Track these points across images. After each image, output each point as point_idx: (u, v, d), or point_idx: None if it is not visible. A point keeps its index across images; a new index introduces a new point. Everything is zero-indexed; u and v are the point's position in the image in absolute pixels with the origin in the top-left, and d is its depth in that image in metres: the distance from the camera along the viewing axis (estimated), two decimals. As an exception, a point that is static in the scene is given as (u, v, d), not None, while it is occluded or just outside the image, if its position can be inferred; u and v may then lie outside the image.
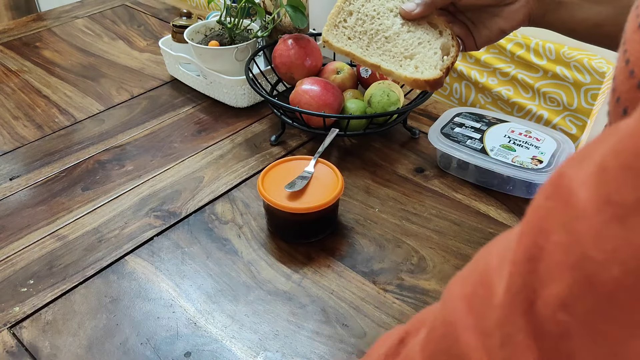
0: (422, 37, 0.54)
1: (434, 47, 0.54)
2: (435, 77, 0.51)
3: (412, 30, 0.55)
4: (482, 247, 0.29)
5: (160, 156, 0.89)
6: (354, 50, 0.56)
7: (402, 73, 0.52)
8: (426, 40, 0.54)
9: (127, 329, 0.62)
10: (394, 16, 0.55)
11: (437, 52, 0.54)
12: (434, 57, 0.54)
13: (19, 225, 0.76)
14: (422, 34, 0.55)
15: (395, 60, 0.53)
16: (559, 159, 0.78)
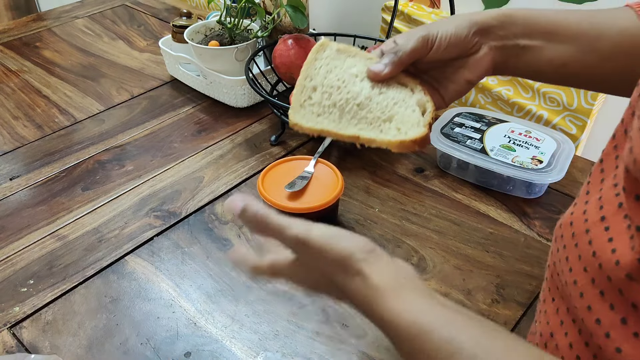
0: (395, 97, 0.51)
1: (411, 105, 0.50)
2: (422, 134, 0.47)
3: (384, 91, 0.51)
4: (481, 247, 0.30)
5: (160, 156, 0.89)
6: (327, 126, 0.50)
7: (385, 138, 0.47)
8: (401, 99, 0.50)
9: (127, 329, 0.62)
10: (361, 81, 0.51)
11: (415, 110, 0.50)
12: (413, 115, 0.49)
13: (19, 225, 0.76)
14: (395, 93, 0.51)
15: (374, 127, 0.48)
16: (559, 159, 0.78)
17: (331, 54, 0.53)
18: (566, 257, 0.39)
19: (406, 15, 1.32)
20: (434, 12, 1.30)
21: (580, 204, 0.39)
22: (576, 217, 0.39)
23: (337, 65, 0.52)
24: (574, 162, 0.85)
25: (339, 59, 0.52)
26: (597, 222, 0.35)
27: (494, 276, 0.67)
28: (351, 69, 0.52)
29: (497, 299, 0.64)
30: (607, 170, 0.38)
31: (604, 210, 0.36)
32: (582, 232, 0.37)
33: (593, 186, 0.39)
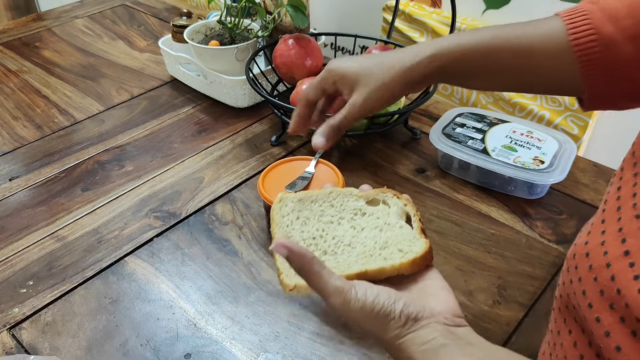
0: (377, 223, 0.48)
1: (395, 222, 0.48)
2: (425, 248, 0.44)
3: (364, 223, 0.48)
4: (483, 248, 0.29)
5: (160, 156, 0.89)
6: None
7: (393, 263, 0.44)
8: (383, 222, 0.48)
9: (127, 330, 0.61)
10: (339, 224, 0.48)
11: (402, 226, 0.47)
12: (404, 231, 0.47)
13: (19, 226, 0.76)
14: (374, 219, 0.48)
15: (375, 258, 0.45)
16: (561, 159, 0.77)
17: (294, 205, 0.49)
18: (583, 291, 0.37)
19: (407, 15, 1.32)
20: (435, 11, 1.30)
21: (596, 234, 0.37)
22: (593, 248, 0.37)
23: (307, 215, 0.49)
24: (575, 162, 0.84)
25: (305, 208, 0.49)
26: (619, 257, 0.34)
27: (496, 277, 0.67)
28: (323, 217, 0.49)
29: (498, 300, 0.64)
30: (624, 197, 0.37)
31: (628, 244, 0.34)
32: (602, 266, 0.35)
33: (609, 214, 0.37)
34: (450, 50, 0.52)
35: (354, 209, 0.50)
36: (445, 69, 0.52)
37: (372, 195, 0.50)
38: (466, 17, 1.27)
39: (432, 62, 0.52)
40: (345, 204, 0.50)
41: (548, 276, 0.67)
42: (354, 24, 1.52)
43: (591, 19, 0.47)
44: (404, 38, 1.33)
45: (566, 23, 0.48)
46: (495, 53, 0.51)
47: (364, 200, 0.50)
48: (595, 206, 0.77)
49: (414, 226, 0.47)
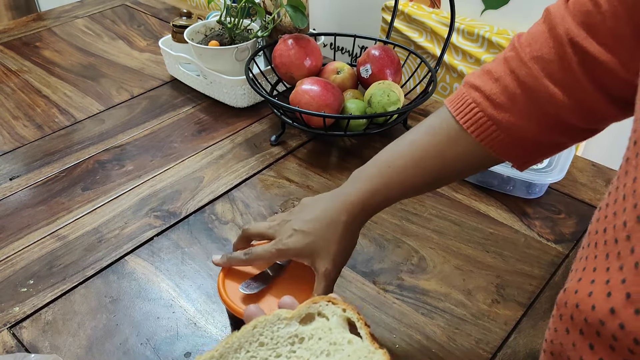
0: (322, 346, 0.40)
1: (342, 337, 0.41)
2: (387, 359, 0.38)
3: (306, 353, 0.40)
4: (482, 247, 0.29)
5: (160, 156, 0.89)
6: None
7: None
8: (327, 343, 0.41)
9: (127, 329, 0.62)
10: (276, 356, 0.40)
11: (350, 340, 0.40)
12: (356, 346, 0.40)
13: (19, 225, 0.76)
14: (316, 342, 0.41)
15: None
16: (559, 159, 0.78)
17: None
18: (590, 345, 0.36)
19: (406, 15, 1.32)
20: (434, 12, 1.30)
21: (586, 282, 0.36)
22: (582, 299, 0.35)
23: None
24: (574, 162, 0.85)
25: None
26: (608, 315, 0.33)
27: (494, 276, 0.67)
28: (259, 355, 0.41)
29: (497, 299, 0.64)
30: (609, 241, 0.36)
31: (613, 300, 0.32)
32: (597, 323, 0.34)
33: (600, 262, 0.36)
34: (373, 197, 0.53)
35: (288, 337, 0.41)
36: (376, 210, 0.55)
37: (304, 310, 0.42)
38: (465, 17, 1.27)
39: (362, 213, 0.54)
40: (276, 336, 0.41)
41: (547, 275, 0.67)
42: (354, 24, 1.52)
43: (483, 111, 0.48)
44: (403, 38, 1.33)
45: (462, 122, 0.50)
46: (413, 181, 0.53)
47: (296, 320, 0.42)
48: (593, 205, 0.77)
49: (362, 335, 0.40)
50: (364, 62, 0.92)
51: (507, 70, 0.47)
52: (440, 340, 0.60)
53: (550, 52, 0.45)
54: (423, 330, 0.61)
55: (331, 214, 0.53)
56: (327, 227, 0.53)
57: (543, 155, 0.52)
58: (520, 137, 0.48)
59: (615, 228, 0.35)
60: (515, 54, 0.47)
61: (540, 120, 0.47)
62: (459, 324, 0.62)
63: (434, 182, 0.55)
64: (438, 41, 1.27)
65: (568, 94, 0.45)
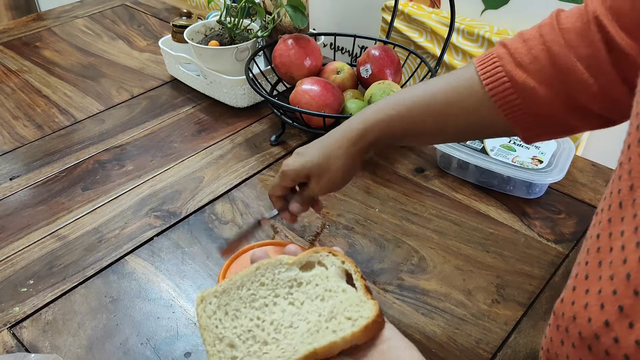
0: (317, 291, 0.43)
1: (338, 286, 0.43)
2: (375, 311, 0.40)
3: (302, 295, 0.43)
4: (482, 247, 0.29)
5: (160, 156, 0.89)
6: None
7: (344, 335, 0.39)
8: (323, 289, 0.43)
9: (127, 329, 0.62)
10: (274, 304, 0.43)
11: (345, 289, 0.42)
12: (349, 295, 0.42)
13: (19, 225, 0.76)
14: (313, 288, 0.43)
15: (323, 333, 0.40)
16: (559, 159, 0.78)
17: (219, 300, 0.43)
18: (580, 359, 0.35)
19: (406, 15, 1.32)
20: (434, 11, 1.30)
21: (581, 292, 0.36)
22: (579, 312, 0.35)
23: (237, 306, 0.43)
24: (574, 162, 0.85)
25: (232, 299, 0.43)
26: (602, 327, 0.32)
27: (494, 276, 0.67)
28: (255, 302, 0.43)
29: (497, 299, 0.64)
30: (603, 249, 0.35)
31: (606, 313, 0.32)
32: (592, 336, 0.33)
33: (592, 268, 0.36)
34: (376, 124, 0.54)
35: (288, 280, 0.44)
36: (377, 142, 0.55)
37: (305, 258, 0.45)
38: (465, 17, 1.27)
39: (362, 140, 0.55)
40: (276, 278, 0.44)
41: (547, 275, 0.67)
42: (354, 24, 1.52)
43: (502, 66, 0.48)
44: (403, 38, 1.33)
45: (480, 73, 0.49)
46: (417, 119, 0.53)
47: (297, 266, 0.44)
48: (593, 205, 0.77)
49: (357, 286, 0.43)
50: (364, 62, 0.92)
51: (537, 34, 0.47)
52: (440, 340, 0.60)
53: (579, 26, 0.44)
54: (423, 330, 0.61)
55: (333, 139, 0.56)
56: (328, 150, 0.56)
57: (551, 134, 0.50)
58: (533, 104, 0.47)
59: (612, 237, 0.34)
60: (550, 21, 0.47)
61: (558, 91, 0.46)
62: (459, 324, 0.62)
63: (438, 131, 0.54)
64: (438, 41, 1.27)
65: (590, 71, 0.44)
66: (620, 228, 0.34)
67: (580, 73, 0.44)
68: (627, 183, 0.34)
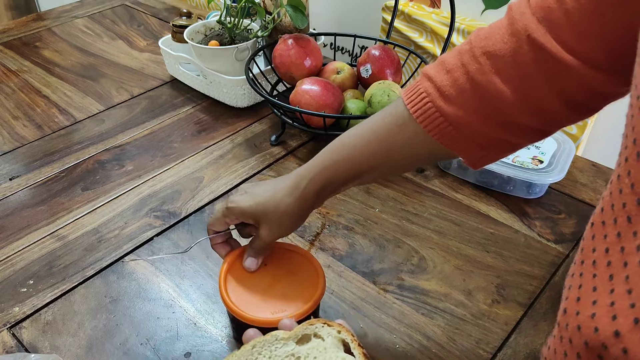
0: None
1: (337, 357, 0.43)
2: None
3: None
4: (482, 247, 0.29)
5: (160, 156, 0.89)
6: None
7: None
8: None
9: (127, 329, 0.62)
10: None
11: (344, 358, 0.43)
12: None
13: (19, 225, 0.76)
14: None
15: None
16: (559, 159, 0.78)
17: None
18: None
19: (406, 15, 1.32)
20: (434, 11, 1.30)
21: (586, 302, 0.35)
22: (584, 321, 0.35)
23: None
24: (574, 162, 0.85)
25: None
26: (611, 337, 0.32)
27: (495, 276, 0.67)
28: None
29: (497, 299, 0.64)
30: (614, 263, 0.35)
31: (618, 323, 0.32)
32: (599, 347, 0.33)
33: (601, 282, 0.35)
34: (321, 172, 0.53)
35: (285, 356, 0.44)
36: (325, 188, 0.54)
37: (301, 331, 0.45)
38: (465, 17, 1.27)
39: (309, 187, 0.54)
40: (274, 355, 0.44)
41: (547, 275, 0.67)
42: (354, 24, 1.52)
43: (432, 102, 0.47)
44: (403, 38, 1.33)
45: (412, 111, 0.49)
46: (360, 161, 0.53)
47: (293, 340, 0.44)
48: (593, 205, 0.77)
49: (356, 354, 0.43)
50: (364, 62, 0.92)
51: (458, 63, 0.46)
52: (441, 341, 0.60)
53: (504, 47, 0.44)
54: (423, 330, 0.61)
55: (282, 184, 0.55)
56: (276, 193, 0.55)
57: (495, 155, 0.50)
58: (469, 132, 0.47)
59: (624, 251, 0.34)
60: (469, 47, 0.46)
61: (487, 117, 0.46)
62: (459, 324, 0.62)
63: (381, 167, 0.53)
64: (438, 41, 1.27)
65: (518, 92, 0.44)
66: (635, 243, 0.33)
67: (506, 96, 0.44)
68: (633, 198, 0.34)
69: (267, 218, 0.55)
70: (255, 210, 0.55)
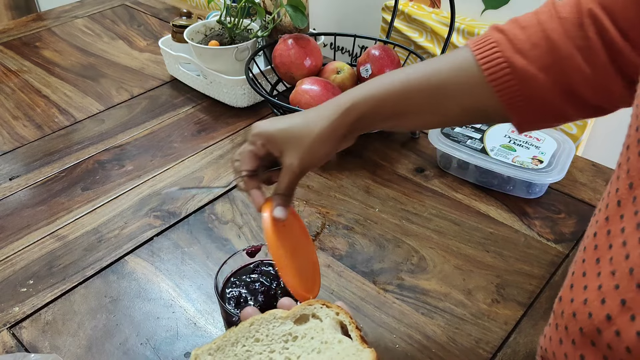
0: (313, 344, 0.43)
1: (333, 337, 0.43)
2: (373, 358, 0.41)
3: (298, 349, 0.43)
4: (482, 247, 0.29)
5: (160, 156, 0.89)
6: None
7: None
8: (319, 342, 0.43)
9: (127, 329, 0.62)
10: (270, 352, 0.43)
11: (341, 340, 0.43)
12: (345, 345, 0.42)
13: (19, 225, 0.76)
14: (308, 341, 0.43)
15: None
16: (559, 159, 0.78)
17: (214, 358, 0.43)
18: (581, 356, 0.36)
19: (406, 15, 1.32)
20: (434, 11, 1.30)
21: (579, 288, 0.36)
22: (578, 308, 0.35)
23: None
24: (574, 162, 0.85)
25: (227, 356, 0.43)
26: (604, 321, 0.33)
27: (494, 276, 0.67)
28: (250, 358, 0.43)
29: (497, 298, 0.64)
30: (601, 246, 0.36)
31: (607, 307, 0.33)
32: (594, 332, 0.34)
33: (589, 266, 0.36)
34: (365, 100, 0.51)
35: (282, 335, 0.44)
36: (364, 119, 0.51)
37: (299, 311, 0.45)
38: (465, 17, 1.27)
39: (350, 113, 0.51)
40: (271, 333, 0.44)
41: (547, 275, 0.67)
42: (354, 24, 1.52)
43: (501, 52, 0.47)
44: (403, 38, 1.33)
45: (478, 57, 0.48)
46: (409, 97, 0.51)
47: (291, 320, 0.45)
48: (593, 205, 0.77)
49: (353, 336, 0.43)
50: (364, 62, 0.92)
51: (534, 21, 0.46)
52: (440, 340, 0.60)
53: (575, 18, 0.44)
54: (423, 330, 0.61)
55: (316, 112, 0.52)
56: (307, 122, 0.51)
57: (544, 121, 0.50)
58: (531, 90, 0.46)
59: (610, 234, 0.35)
60: (547, 9, 0.46)
61: (555, 79, 0.46)
62: (459, 323, 0.62)
63: (428, 111, 0.51)
64: (438, 41, 1.27)
65: (587, 61, 0.44)
66: (620, 225, 0.34)
67: (578, 62, 0.44)
68: (626, 182, 0.34)
69: (297, 142, 0.50)
70: (285, 134, 0.51)
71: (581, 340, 0.35)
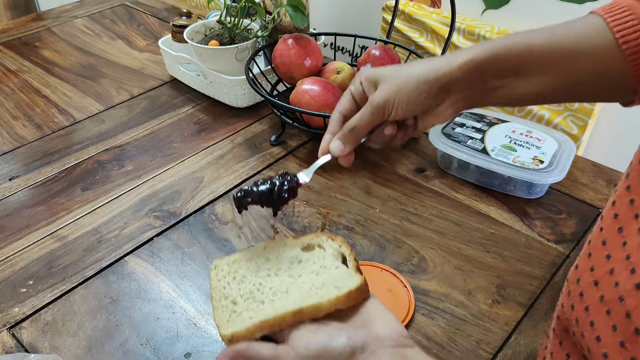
0: (314, 267, 0.49)
1: (332, 264, 0.48)
2: (361, 282, 0.45)
3: (300, 270, 0.49)
4: (482, 247, 0.29)
5: (160, 156, 0.89)
6: (264, 317, 0.44)
7: (330, 298, 0.44)
8: (319, 266, 0.48)
9: (127, 330, 0.61)
10: (276, 275, 0.49)
11: (338, 266, 0.48)
12: (340, 271, 0.47)
13: (19, 226, 0.76)
14: (311, 264, 0.49)
15: (311, 297, 0.45)
16: (560, 159, 0.78)
17: (230, 268, 0.51)
18: (591, 322, 0.36)
19: (407, 15, 1.32)
20: (435, 11, 1.30)
21: (600, 258, 0.36)
22: (602, 277, 0.35)
23: (244, 273, 0.50)
24: (575, 162, 0.84)
25: (240, 268, 0.50)
26: (632, 291, 0.32)
27: (495, 277, 0.67)
28: (259, 272, 0.49)
29: (497, 299, 0.64)
30: (623, 217, 0.35)
31: (639, 276, 0.32)
32: (615, 300, 0.33)
33: (611, 238, 0.36)
34: (484, 52, 0.49)
35: (289, 258, 0.50)
36: (479, 71, 0.49)
37: (307, 240, 0.51)
38: (466, 17, 1.27)
39: (467, 65, 0.48)
40: (281, 255, 0.51)
41: (547, 276, 0.67)
42: (354, 24, 1.52)
43: (636, 15, 0.44)
44: (404, 38, 1.33)
45: (609, 21, 0.45)
46: (533, 55, 0.48)
47: (300, 247, 0.51)
48: (594, 206, 0.77)
49: (350, 265, 0.48)
50: (364, 62, 0.92)
51: None
52: (441, 341, 0.60)
53: None
54: (423, 330, 0.61)
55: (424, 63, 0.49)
56: (410, 65, 0.49)
57: None
58: None
59: (634, 204, 0.34)
60: None
61: None
62: (459, 324, 0.61)
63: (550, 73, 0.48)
64: (439, 41, 1.27)
65: None
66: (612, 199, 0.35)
67: None
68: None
69: (391, 79, 0.48)
70: (385, 71, 0.49)
71: (597, 307, 0.35)
